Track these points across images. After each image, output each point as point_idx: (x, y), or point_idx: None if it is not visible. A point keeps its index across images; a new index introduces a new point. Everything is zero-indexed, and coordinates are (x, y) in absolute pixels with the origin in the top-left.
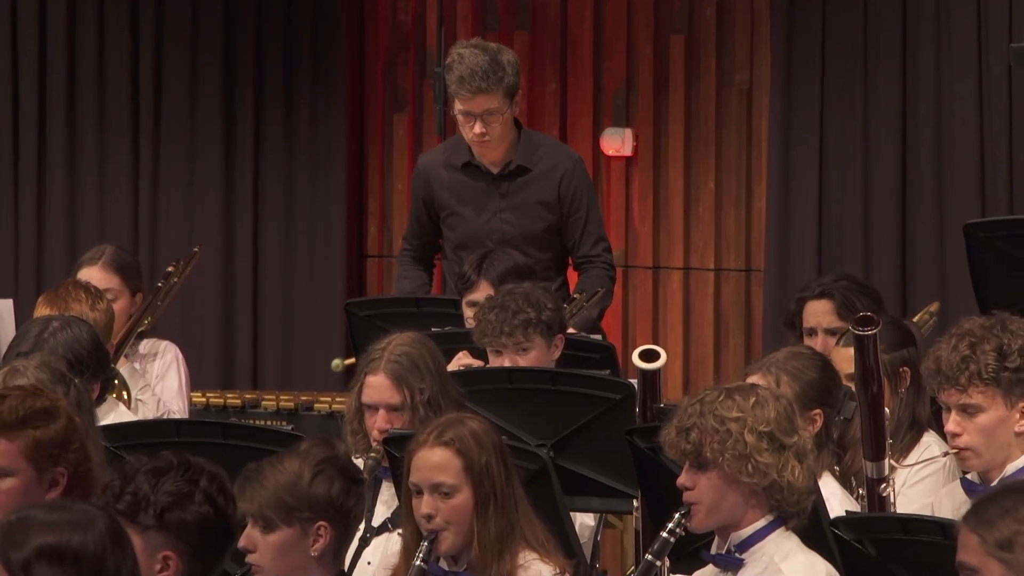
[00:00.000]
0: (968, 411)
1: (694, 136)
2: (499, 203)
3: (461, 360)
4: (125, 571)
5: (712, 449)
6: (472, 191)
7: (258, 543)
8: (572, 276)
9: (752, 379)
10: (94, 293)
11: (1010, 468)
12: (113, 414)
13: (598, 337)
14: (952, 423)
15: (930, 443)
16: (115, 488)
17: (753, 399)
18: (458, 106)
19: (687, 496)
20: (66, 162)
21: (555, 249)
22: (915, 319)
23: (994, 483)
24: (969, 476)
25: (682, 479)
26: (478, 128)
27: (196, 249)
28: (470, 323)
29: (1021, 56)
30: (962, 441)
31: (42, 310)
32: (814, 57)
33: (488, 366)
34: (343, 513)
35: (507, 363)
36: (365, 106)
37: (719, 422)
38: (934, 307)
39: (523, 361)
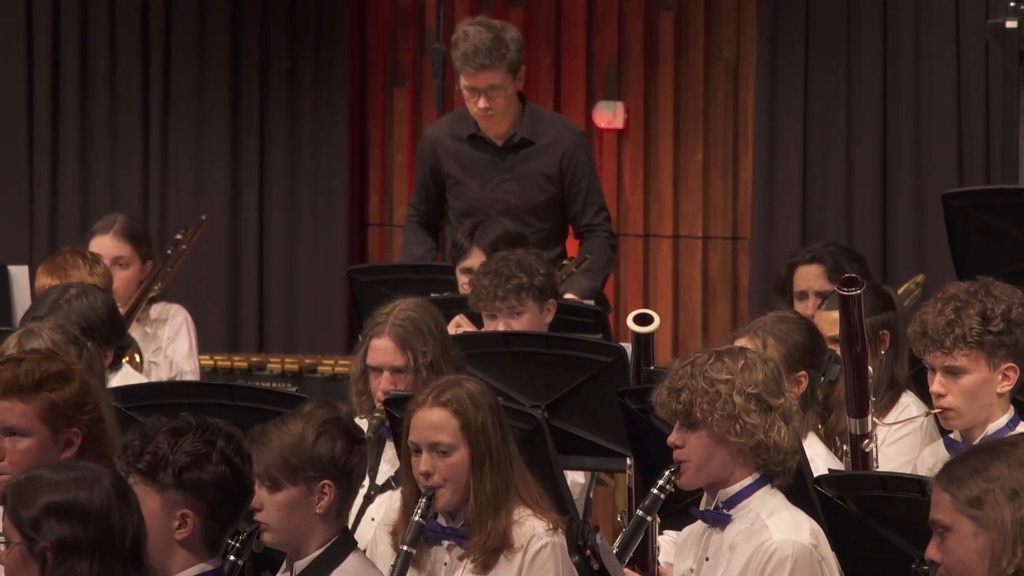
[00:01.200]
0: (953, 373)
1: (683, 109)
2: (503, 174)
3: (458, 324)
4: (131, 526)
5: (702, 409)
6: (477, 162)
7: (265, 502)
8: (572, 245)
9: (739, 343)
10: (90, 259)
11: (991, 428)
12: (119, 376)
13: (590, 302)
14: (937, 384)
15: (908, 403)
16: (135, 448)
17: (742, 362)
18: (463, 81)
19: (677, 454)
20: (78, 135)
21: (555, 219)
22: (901, 290)
23: (976, 442)
24: (952, 435)
25: (672, 438)
26: (482, 103)
27: (203, 218)
28: (464, 289)
29: (997, 32)
30: (946, 401)
31: (43, 280)
32: (798, 34)
33: (484, 330)
34: (346, 472)
35: (501, 327)
36: (366, 81)
37: (709, 383)
38: (920, 278)
39: (516, 325)
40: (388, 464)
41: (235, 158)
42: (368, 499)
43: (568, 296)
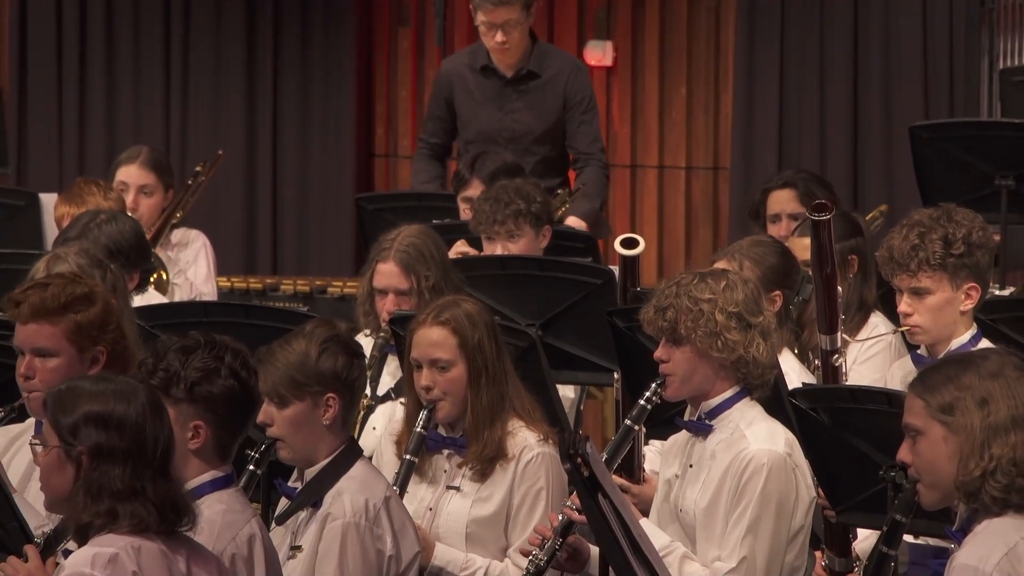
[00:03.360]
0: (918, 293)
1: (668, 48)
2: (512, 103)
3: (458, 248)
4: (163, 439)
5: (686, 326)
6: (488, 91)
7: (274, 417)
8: (572, 177)
9: (718, 265)
10: (103, 186)
11: (955, 343)
12: (143, 296)
13: (582, 226)
14: (904, 304)
15: (877, 323)
16: (149, 365)
17: (724, 282)
18: (481, 17)
19: (663, 368)
20: (104, 71)
21: (558, 149)
22: (867, 217)
23: (940, 356)
24: (919, 351)
25: (658, 353)
26: (499, 37)
27: (220, 152)
28: (465, 216)
29: None
30: (913, 320)
31: (62, 209)
32: None
33: (483, 254)
34: (348, 384)
35: (499, 250)
36: (372, 21)
37: (693, 302)
38: (883, 208)
39: (513, 248)
40: (390, 376)
41: (250, 94)
42: (369, 409)
43: (570, 220)
